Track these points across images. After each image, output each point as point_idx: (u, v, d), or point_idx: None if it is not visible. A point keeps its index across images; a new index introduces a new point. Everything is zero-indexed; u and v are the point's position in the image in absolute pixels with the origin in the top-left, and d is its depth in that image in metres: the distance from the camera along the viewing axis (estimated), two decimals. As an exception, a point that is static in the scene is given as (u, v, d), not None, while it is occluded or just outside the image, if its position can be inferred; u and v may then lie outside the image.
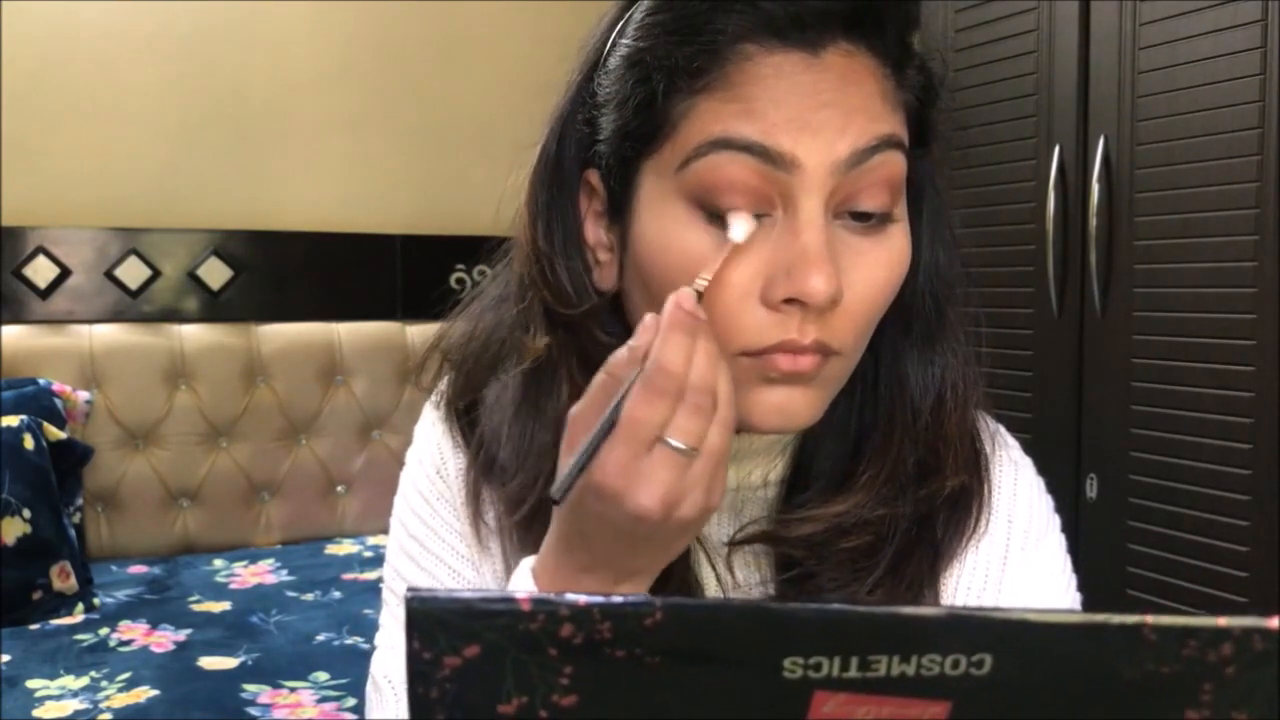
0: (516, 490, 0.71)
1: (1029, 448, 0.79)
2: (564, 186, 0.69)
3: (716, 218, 0.61)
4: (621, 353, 0.58)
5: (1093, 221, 1.88)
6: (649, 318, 0.58)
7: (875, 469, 0.69)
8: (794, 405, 0.64)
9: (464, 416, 0.77)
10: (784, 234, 0.61)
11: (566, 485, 0.57)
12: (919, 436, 0.70)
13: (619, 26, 0.67)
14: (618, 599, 0.35)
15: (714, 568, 0.73)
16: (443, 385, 0.80)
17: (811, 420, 0.65)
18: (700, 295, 0.59)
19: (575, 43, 0.72)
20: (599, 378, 0.59)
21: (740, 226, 0.60)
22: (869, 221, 0.63)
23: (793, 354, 0.62)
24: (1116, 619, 0.36)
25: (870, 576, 0.68)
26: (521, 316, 0.71)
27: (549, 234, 0.69)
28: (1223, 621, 0.36)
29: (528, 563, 0.64)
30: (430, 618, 0.35)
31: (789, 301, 0.61)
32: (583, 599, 0.35)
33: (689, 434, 0.56)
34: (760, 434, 0.69)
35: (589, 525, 0.59)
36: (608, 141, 0.66)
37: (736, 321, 0.61)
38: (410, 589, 0.35)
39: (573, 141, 0.69)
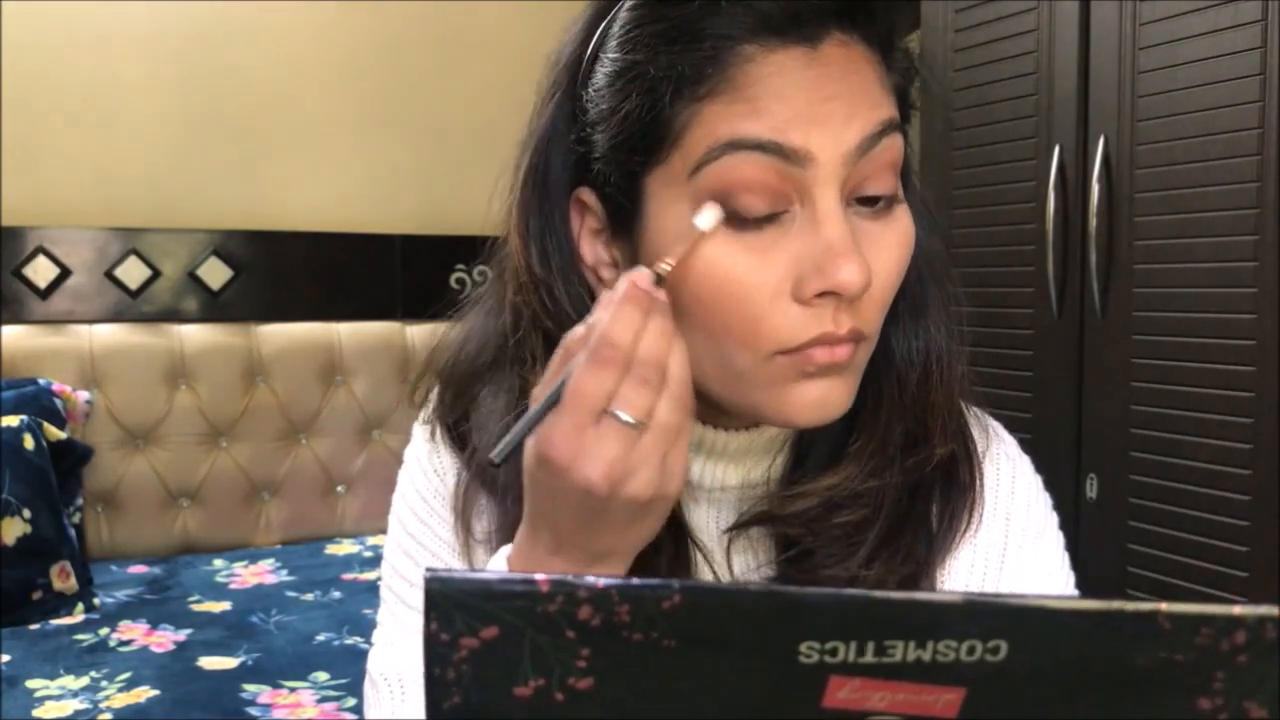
0: (514, 520, 0.70)
1: (1029, 448, 0.80)
2: (554, 208, 0.69)
3: (734, 219, 0.61)
4: (578, 329, 0.59)
5: (1093, 221, 1.88)
6: (604, 294, 0.59)
7: (864, 441, 0.70)
8: (832, 396, 0.64)
9: (453, 430, 0.77)
10: (805, 229, 0.61)
11: (506, 450, 0.57)
12: (906, 408, 0.70)
13: (596, 38, 0.66)
14: (636, 581, 0.35)
15: (712, 568, 0.73)
16: (432, 399, 0.79)
17: (847, 407, 0.65)
18: (661, 278, 0.59)
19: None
20: (556, 354, 0.59)
21: (708, 215, 0.60)
22: (877, 205, 0.64)
23: (830, 346, 0.62)
24: (1131, 606, 0.36)
25: (864, 550, 0.68)
26: (519, 349, 0.70)
27: (545, 259, 0.68)
28: (1237, 610, 0.36)
29: (503, 551, 0.64)
30: (448, 599, 0.35)
31: (821, 295, 0.61)
32: (601, 581, 0.35)
33: (635, 406, 0.56)
34: (793, 428, 0.70)
35: (545, 501, 0.59)
36: (605, 157, 0.65)
37: (770, 323, 0.62)
38: (429, 569, 0.34)
39: (559, 161, 0.68)
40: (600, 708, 0.36)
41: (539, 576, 0.34)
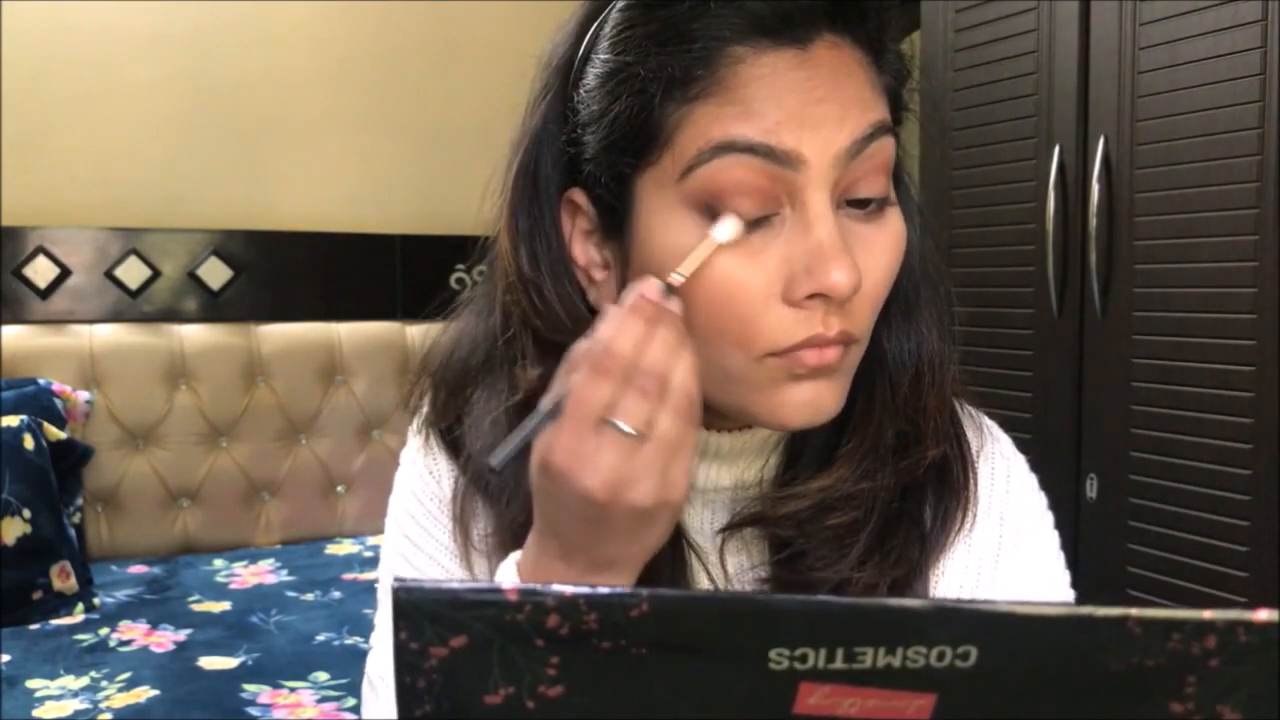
0: (510, 524, 0.71)
1: (1029, 448, 0.79)
2: (545, 209, 0.69)
3: None
4: (583, 343, 0.59)
5: (1093, 221, 1.88)
6: (611, 307, 0.59)
7: (856, 443, 0.70)
8: (822, 398, 0.64)
9: (447, 434, 0.77)
10: (795, 231, 0.61)
11: (505, 456, 0.57)
12: (898, 410, 0.70)
13: (587, 40, 0.66)
14: (604, 590, 0.35)
15: (706, 568, 0.73)
16: (425, 405, 0.79)
17: (838, 409, 0.66)
18: (671, 289, 0.59)
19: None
20: (562, 368, 0.59)
21: (726, 226, 0.60)
22: (869, 207, 0.64)
23: (819, 348, 0.62)
24: (1101, 611, 0.36)
25: (856, 552, 0.68)
26: (509, 348, 0.70)
27: (534, 259, 0.69)
28: (1207, 614, 0.36)
29: (513, 556, 0.64)
30: (417, 608, 0.35)
31: (811, 297, 0.61)
32: (569, 590, 0.35)
33: (634, 416, 0.56)
34: (784, 430, 0.70)
35: (550, 508, 0.59)
36: (596, 159, 0.65)
37: (761, 324, 0.62)
38: (397, 579, 0.35)
39: (550, 162, 0.68)
40: (571, 715, 0.37)
41: (507, 585, 0.35)
